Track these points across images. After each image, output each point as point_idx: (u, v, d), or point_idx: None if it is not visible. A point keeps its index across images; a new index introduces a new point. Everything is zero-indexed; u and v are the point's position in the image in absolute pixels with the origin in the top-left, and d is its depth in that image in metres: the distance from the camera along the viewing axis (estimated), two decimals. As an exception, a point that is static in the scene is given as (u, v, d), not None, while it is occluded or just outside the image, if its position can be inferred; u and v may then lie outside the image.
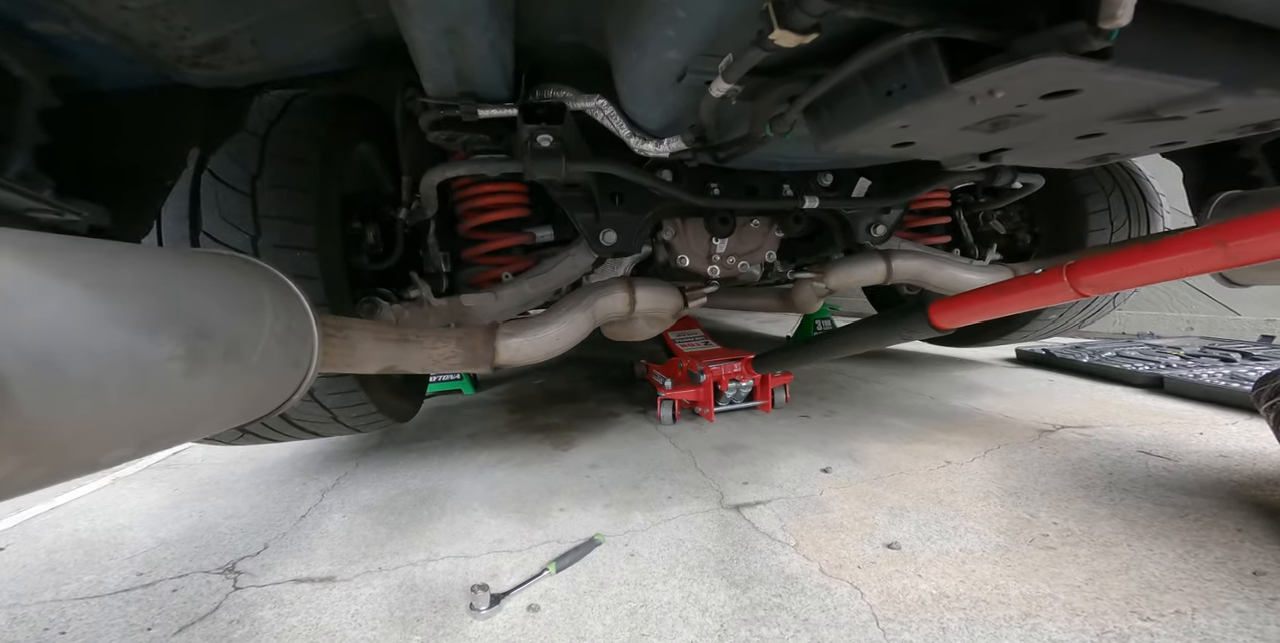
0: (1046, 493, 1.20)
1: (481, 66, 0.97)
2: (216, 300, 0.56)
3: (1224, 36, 0.67)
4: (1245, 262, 0.62)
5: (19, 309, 0.35)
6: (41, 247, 0.42)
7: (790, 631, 0.82)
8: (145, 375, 0.43)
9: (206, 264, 0.61)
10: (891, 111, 0.76)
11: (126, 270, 0.47)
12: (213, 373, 0.51)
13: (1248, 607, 0.78)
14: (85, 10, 0.74)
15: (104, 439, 0.41)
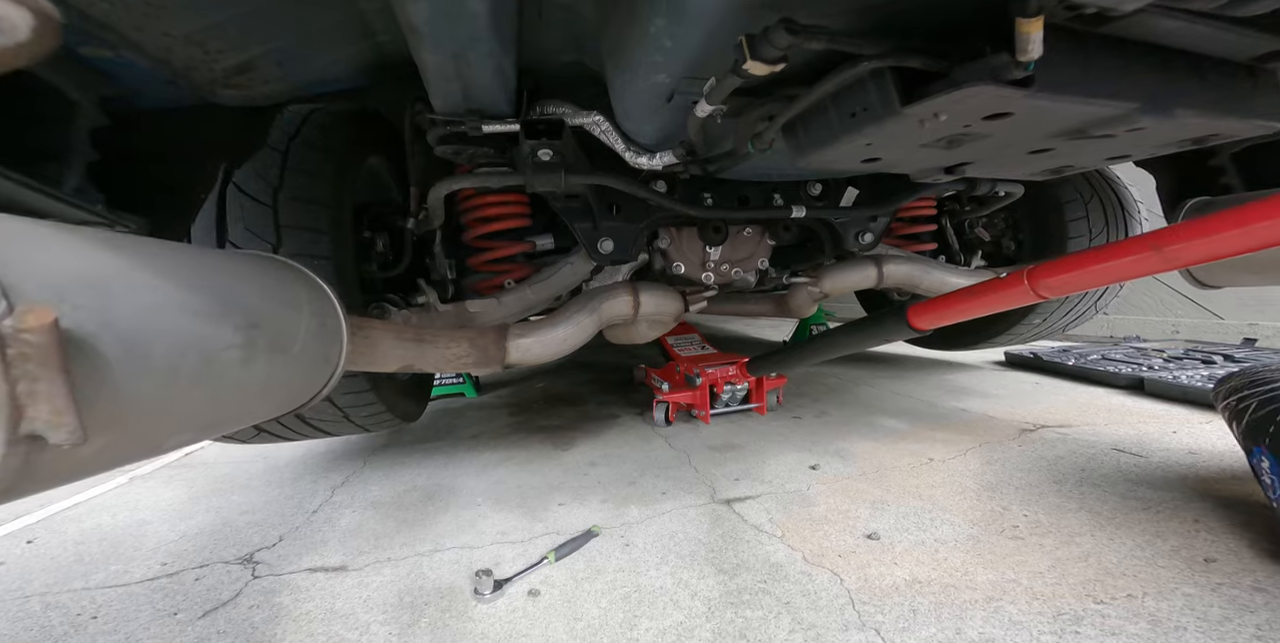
0: (1020, 488, 1.27)
1: (486, 86, 1.05)
2: (263, 296, 0.63)
3: (1144, 61, 0.74)
4: (1179, 264, 0.69)
5: (117, 299, 0.42)
6: (130, 245, 0.49)
7: (772, 613, 0.88)
8: (210, 362, 0.50)
9: (254, 263, 0.68)
10: (855, 131, 0.84)
11: (194, 267, 0.55)
12: (262, 363, 0.58)
13: (1195, 591, 0.85)
14: (132, 37, 0.82)
15: (174, 422, 0.48)
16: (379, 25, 0.97)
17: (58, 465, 0.38)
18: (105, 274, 0.42)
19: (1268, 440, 0.97)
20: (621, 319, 1.64)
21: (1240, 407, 1.11)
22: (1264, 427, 1.00)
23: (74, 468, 0.41)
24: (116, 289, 0.42)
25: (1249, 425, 1.06)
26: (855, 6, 0.74)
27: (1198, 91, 0.80)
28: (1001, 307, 0.95)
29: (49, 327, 0.34)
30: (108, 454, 0.43)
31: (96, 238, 0.47)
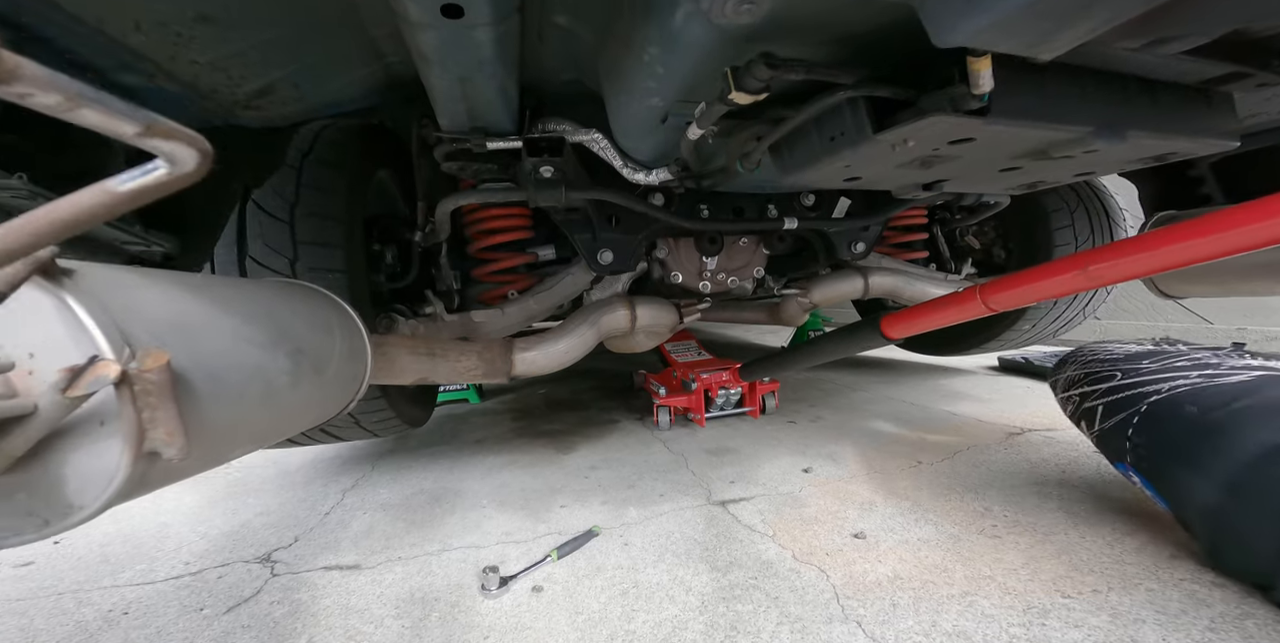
0: (1003, 489, 1.32)
1: (490, 105, 1.11)
2: (305, 325, 0.70)
3: (1098, 86, 0.81)
4: (1101, 283, 0.75)
5: (200, 338, 0.49)
6: (199, 285, 0.57)
7: (762, 606, 0.94)
8: (268, 386, 0.58)
9: (293, 293, 0.76)
10: (834, 154, 0.91)
11: (250, 300, 0.62)
12: (306, 384, 0.66)
13: (1157, 586, 0.90)
14: (165, 66, 0.89)
15: (240, 436, 0.55)
16: (388, 49, 1.03)
17: (161, 475, 0.47)
18: (188, 316, 0.50)
19: (1129, 457, 1.02)
20: (620, 331, 1.71)
21: (1085, 408, 1.14)
22: (1120, 441, 1.04)
23: (169, 476, 0.49)
24: (198, 328, 0.50)
25: (1102, 435, 1.10)
26: (829, 38, 0.81)
27: (1150, 114, 0.86)
28: (960, 319, 1.01)
29: (164, 366, 0.42)
30: (192, 465, 0.51)
31: (175, 281, 0.55)
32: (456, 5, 0.77)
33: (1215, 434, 0.87)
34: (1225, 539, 0.87)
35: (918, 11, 0.56)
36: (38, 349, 0.42)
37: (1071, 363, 1.28)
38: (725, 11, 0.59)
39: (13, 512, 0.44)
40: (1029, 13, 0.47)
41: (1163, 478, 0.95)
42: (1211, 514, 0.88)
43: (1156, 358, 1.10)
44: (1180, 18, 0.57)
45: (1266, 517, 0.80)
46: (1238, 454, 0.83)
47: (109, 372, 0.39)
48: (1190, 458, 0.90)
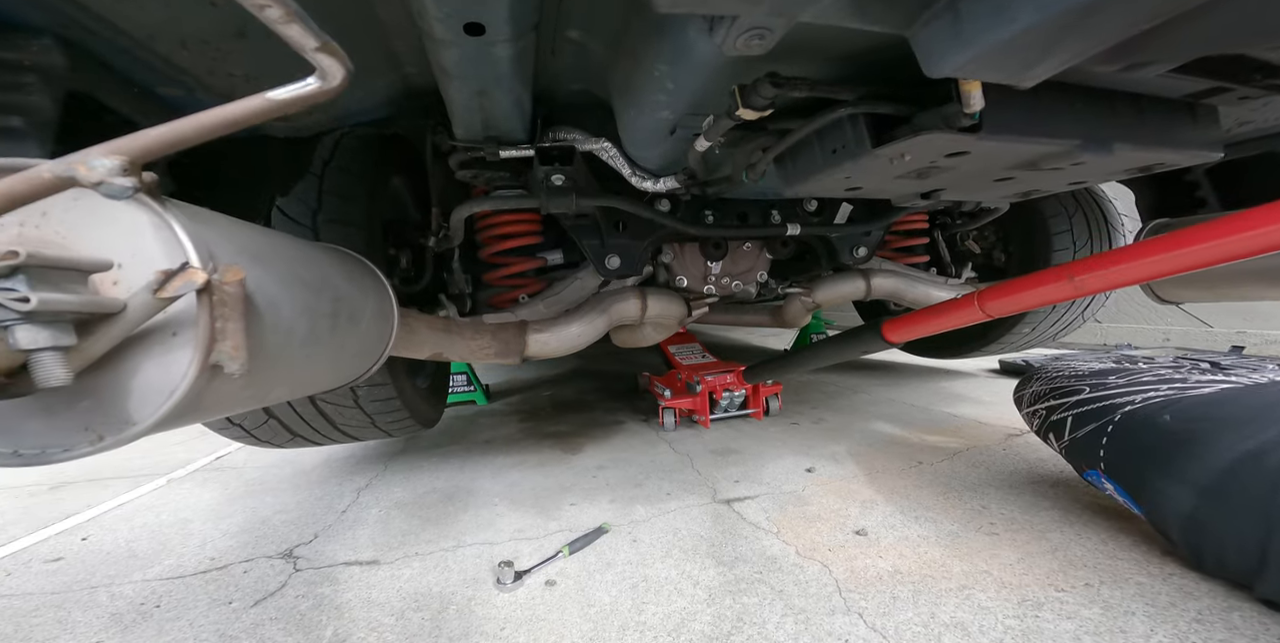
0: (1001, 488, 1.36)
1: (504, 116, 1.15)
2: (344, 278, 0.76)
3: (1087, 102, 0.85)
4: (1088, 292, 0.79)
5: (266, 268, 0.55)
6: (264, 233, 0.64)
7: (767, 599, 0.98)
8: (312, 325, 0.62)
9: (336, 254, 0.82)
10: (835, 166, 0.95)
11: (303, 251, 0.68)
12: (342, 332, 0.71)
13: (1147, 580, 0.94)
14: (205, 80, 0.94)
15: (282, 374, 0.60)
16: (408, 61, 1.07)
17: (216, 397, 0.50)
18: (258, 250, 0.55)
19: (1102, 465, 1.05)
20: (630, 320, 1.76)
21: (1054, 420, 1.18)
22: (1092, 450, 1.07)
23: (219, 403, 0.52)
24: (263, 259, 0.55)
25: (1072, 445, 1.13)
26: (832, 58, 0.85)
27: (1136, 127, 0.90)
28: (959, 324, 1.05)
29: (240, 281, 0.47)
30: (240, 395, 0.55)
31: (246, 226, 0.61)
32: (479, 24, 0.81)
33: (1190, 442, 0.91)
34: (1205, 542, 0.91)
35: (910, 43, 0.60)
36: (127, 259, 0.45)
37: (1036, 380, 1.32)
38: (736, 45, 0.63)
39: (71, 424, 0.46)
40: (1007, 48, 0.51)
41: (1139, 484, 0.99)
42: (1190, 519, 0.91)
43: (1122, 374, 1.15)
44: (1146, 48, 0.61)
45: (1243, 519, 0.83)
46: (1213, 460, 0.87)
47: (197, 278, 0.42)
48: (1166, 465, 0.93)
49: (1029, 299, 0.90)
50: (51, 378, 0.39)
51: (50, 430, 0.47)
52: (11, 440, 0.47)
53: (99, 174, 0.36)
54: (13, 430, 0.47)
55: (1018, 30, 0.49)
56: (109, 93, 0.91)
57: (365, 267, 0.89)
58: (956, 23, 0.54)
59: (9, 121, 0.74)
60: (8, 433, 0.47)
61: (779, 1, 0.53)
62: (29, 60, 0.78)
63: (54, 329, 0.39)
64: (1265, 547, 0.80)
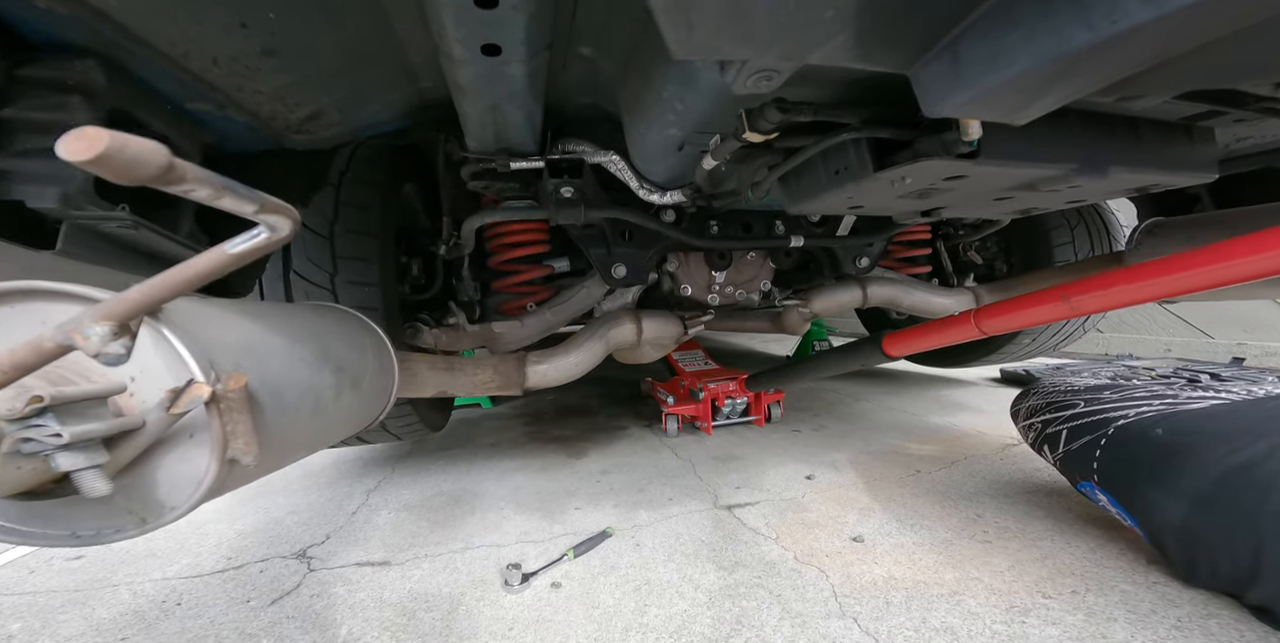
0: (996, 497, 1.39)
1: (516, 130, 1.19)
2: (342, 344, 0.80)
3: (1084, 126, 0.88)
4: (1084, 312, 0.83)
5: (264, 360, 0.59)
6: (258, 311, 0.66)
7: (765, 603, 1.02)
8: (318, 400, 0.67)
9: (329, 315, 0.85)
10: (839, 187, 0.99)
11: (300, 323, 0.72)
12: (346, 397, 0.75)
13: (1131, 588, 0.97)
14: (234, 96, 0.98)
15: (295, 445, 0.65)
16: (424, 74, 1.10)
17: (236, 479, 0.56)
18: (253, 340, 0.60)
19: (1096, 477, 1.08)
20: (627, 344, 1.80)
21: (1049, 433, 1.21)
22: (1086, 461, 1.10)
23: (241, 479, 0.58)
24: (262, 352, 0.60)
25: (1066, 457, 1.16)
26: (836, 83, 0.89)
27: (1132, 151, 0.93)
28: (956, 340, 1.09)
29: (243, 387, 0.51)
30: (259, 470, 0.60)
31: (237, 309, 0.65)
32: (495, 45, 0.86)
33: (1182, 454, 0.94)
34: (1197, 551, 0.94)
35: (911, 83, 0.64)
36: (138, 374, 0.51)
37: (1033, 394, 1.35)
38: (745, 85, 0.67)
39: (115, 512, 0.53)
40: (1003, 91, 0.55)
41: (1132, 496, 1.02)
42: (1182, 529, 0.94)
43: (1116, 390, 1.18)
44: (1139, 84, 0.65)
45: (1234, 529, 0.86)
46: (1204, 472, 0.90)
47: (202, 393, 0.49)
48: (1159, 476, 0.96)
49: (1024, 319, 0.94)
50: (94, 491, 0.45)
51: (101, 517, 0.54)
52: (69, 526, 0.54)
53: (96, 344, 0.41)
54: (70, 518, 0.54)
55: (1014, 74, 0.53)
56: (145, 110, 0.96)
57: (363, 325, 0.93)
58: (955, 65, 0.58)
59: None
60: (65, 521, 0.54)
61: (787, 48, 0.57)
62: (72, 80, 0.82)
63: (87, 452, 0.45)
64: (1257, 555, 0.84)
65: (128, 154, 0.32)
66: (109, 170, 0.31)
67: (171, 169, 0.34)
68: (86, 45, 0.83)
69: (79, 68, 0.83)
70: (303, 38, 0.92)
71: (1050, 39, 0.48)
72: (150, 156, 0.32)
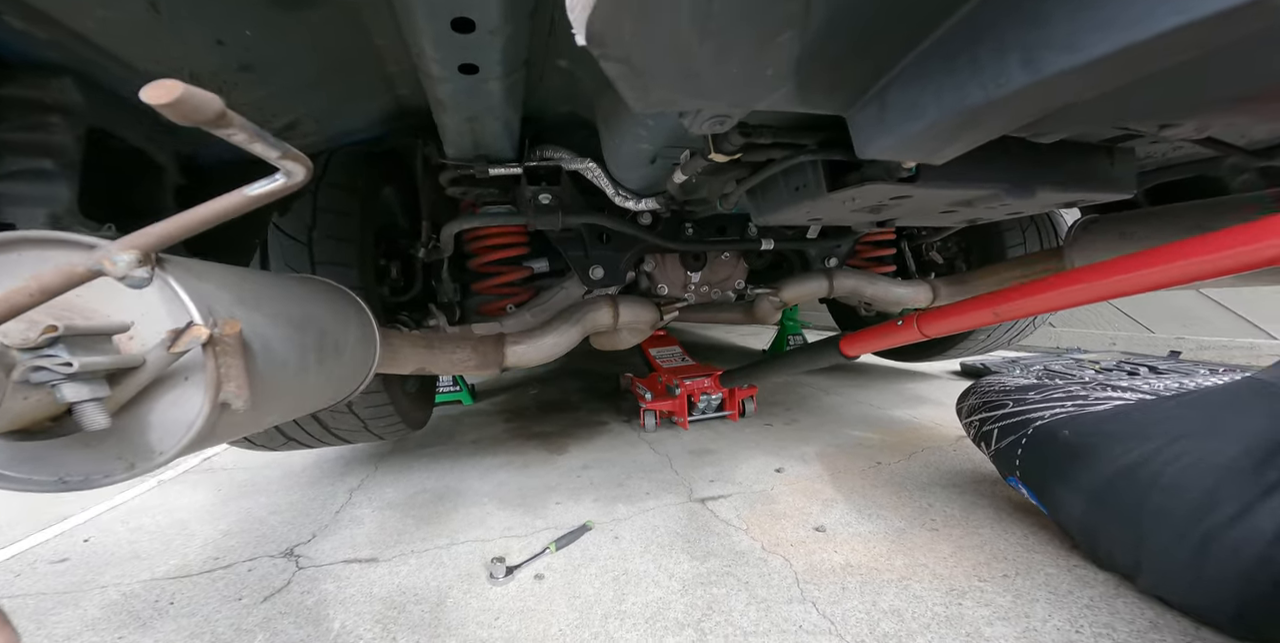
0: (946, 488, 1.51)
1: (494, 138, 1.22)
2: (326, 311, 0.84)
3: (1017, 150, 0.97)
4: (1006, 319, 0.93)
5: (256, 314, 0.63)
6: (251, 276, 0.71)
7: (734, 590, 1.11)
8: (302, 359, 0.71)
9: (318, 286, 0.90)
10: (798, 203, 1.07)
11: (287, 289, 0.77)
12: (329, 361, 0.80)
13: (1054, 571, 1.09)
14: None
15: (277, 402, 0.69)
16: (401, 83, 1.11)
17: (224, 428, 0.61)
18: (245, 295, 0.64)
19: (1019, 473, 1.20)
20: (603, 328, 1.86)
21: (984, 431, 1.33)
22: (1011, 459, 1.22)
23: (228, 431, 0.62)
24: (255, 306, 0.64)
25: (997, 454, 1.28)
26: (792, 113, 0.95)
27: (1057, 173, 1.02)
28: (903, 342, 1.19)
29: (238, 333, 0.56)
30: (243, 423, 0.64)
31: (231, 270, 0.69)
32: (473, 65, 0.89)
33: (1083, 455, 1.05)
34: (1095, 542, 1.07)
35: (848, 125, 0.71)
36: (139, 317, 0.54)
37: (973, 393, 1.47)
38: (701, 128, 0.73)
39: (105, 456, 0.56)
40: (920, 137, 0.62)
41: (1044, 491, 1.14)
42: (1081, 522, 1.07)
43: (1039, 390, 1.30)
44: (1041, 125, 0.73)
45: (1121, 523, 0.98)
46: (1098, 471, 1.02)
47: (201, 334, 0.52)
48: (1064, 474, 1.08)
49: (959, 324, 1.03)
50: (95, 423, 0.48)
51: (90, 461, 0.57)
52: (57, 470, 0.57)
53: (123, 268, 0.45)
54: (58, 462, 0.56)
55: (927, 124, 0.60)
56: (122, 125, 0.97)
57: (346, 296, 0.97)
58: (882, 111, 0.65)
59: (40, 164, 0.80)
60: (54, 464, 0.56)
61: (736, 99, 0.62)
62: (50, 98, 0.83)
63: (92, 384, 0.48)
64: (1139, 548, 0.95)
65: (194, 101, 0.37)
66: (177, 113, 0.37)
67: (223, 115, 0.39)
68: (63, 63, 0.84)
69: (56, 87, 0.84)
70: (280, 53, 0.93)
71: (954, 94, 0.54)
72: (209, 104, 0.38)
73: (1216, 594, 0.84)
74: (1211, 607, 0.86)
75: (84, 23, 0.76)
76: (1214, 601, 0.85)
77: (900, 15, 0.52)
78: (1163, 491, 0.92)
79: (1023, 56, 0.49)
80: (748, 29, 0.50)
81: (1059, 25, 0.45)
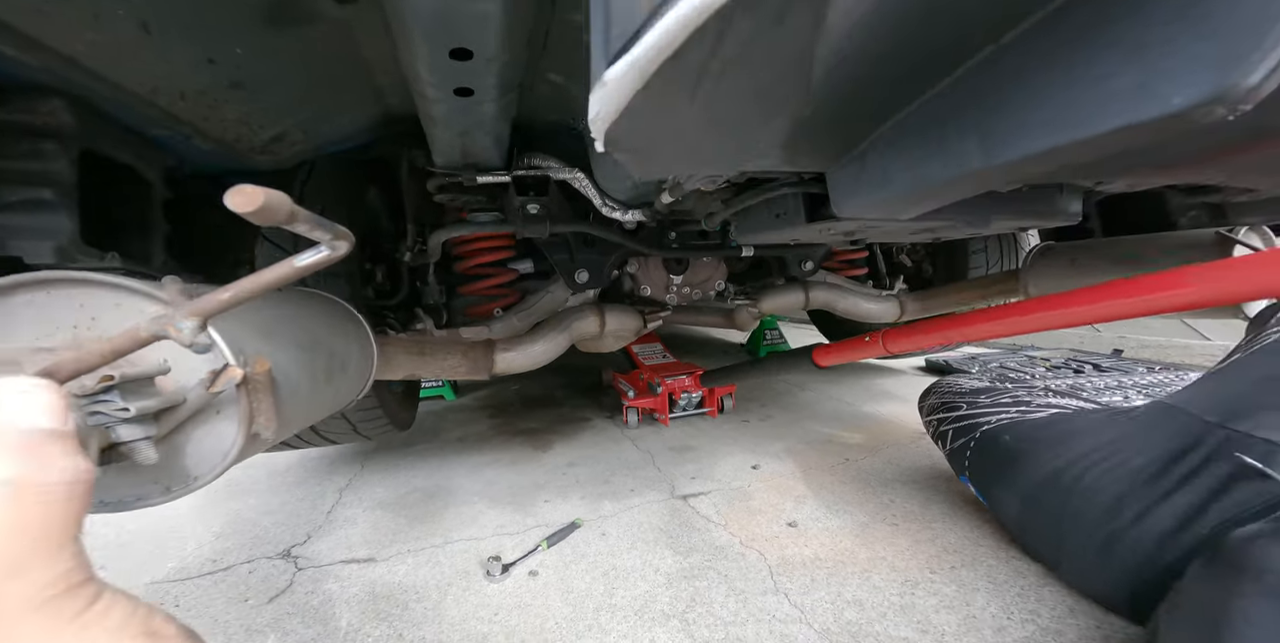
0: (907, 484, 1.65)
1: (484, 150, 1.24)
2: (330, 330, 0.89)
3: None
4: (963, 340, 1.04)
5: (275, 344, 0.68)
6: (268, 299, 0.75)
7: (714, 583, 1.21)
8: (313, 380, 0.77)
9: (316, 302, 0.95)
10: (779, 229, 1.15)
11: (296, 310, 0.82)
12: (336, 378, 0.86)
13: (995, 563, 1.22)
14: (200, 126, 1.01)
15: (295, 420, 0.75)
16: (390, 93, 1.11)
17: (250, 451, 0.67)
18: (266, 327, 0.69)
19: (968, 473, 1.34)
20: (590, 335, 1.93)
21: (941, 430, 1.47)
22: (962, 459, 1.36)
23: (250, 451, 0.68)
24: (274, 336, 0.69)
25: (951, 454, 1.42)
26: None
27: (1010, 205, 1.13)
28: (870, 356, 1.30)
29: (268, 371, 0.61)
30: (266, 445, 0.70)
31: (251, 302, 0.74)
32: (468, 88, 0.93)
33: (1019, 459, 1.19)
34: (1027, 538, 1.21)
35: (827, 180, 0.78)
36: (175, 359, 0.59)
37: (934, 393, 1.60)
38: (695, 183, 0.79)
39: (143, 481, 0.61)
40: (888, 201, 0.70)
41: (988, 491, 1.28)
42: (1016, 520, 1.21)
43: (990, 394, 1.43)
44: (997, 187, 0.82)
45: (1047, 522, 1.12)
46: (1031, 475, 1.15)
47: (236, 375, 0.58)
48: (1003, 477, 1.22)
49: (920, 343, 1.14)
50: (147, 459, 0.54)
51: (129, 486, 0.62)
52: (99, 495, 0.62)
53: (188, 336, 0.50)
54: (99, 487, 0.61)
55: (896, 192, 0.68)
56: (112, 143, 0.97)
57: (346, 311, 1.02)
58: (859, 173, 0.73)
59: (40, 194, 0.81)
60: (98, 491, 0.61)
61: (728, 166, 0.69)
62: (40, 122, 0.83)
63: (143, 424, 0.54)
64: (1059, 547, 1.10)
65: (272, 205, 0.43)
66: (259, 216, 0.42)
67: (294, 213, 0.44)
68: (52, 86, 0.84)
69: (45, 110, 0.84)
70: (271, 69, 0.94)
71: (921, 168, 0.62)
72: (282, 205, 0.43)
73: (1117, 584, 0.98)
74: (1114, 595, 1.00)
75: (74, 46, 0.76)
76: (1115, 589, 0.99)
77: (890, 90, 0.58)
78: (1080, 495, 1.05)
79: (980, 141, 0.56)
80: (749, 119, 0.56)
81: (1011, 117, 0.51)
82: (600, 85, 0.38)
